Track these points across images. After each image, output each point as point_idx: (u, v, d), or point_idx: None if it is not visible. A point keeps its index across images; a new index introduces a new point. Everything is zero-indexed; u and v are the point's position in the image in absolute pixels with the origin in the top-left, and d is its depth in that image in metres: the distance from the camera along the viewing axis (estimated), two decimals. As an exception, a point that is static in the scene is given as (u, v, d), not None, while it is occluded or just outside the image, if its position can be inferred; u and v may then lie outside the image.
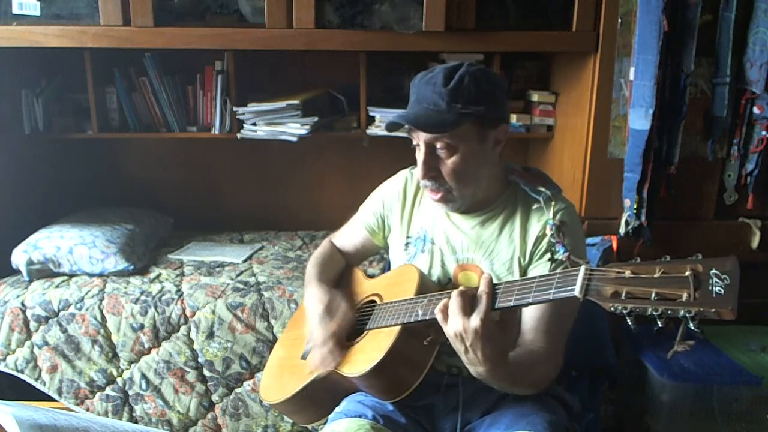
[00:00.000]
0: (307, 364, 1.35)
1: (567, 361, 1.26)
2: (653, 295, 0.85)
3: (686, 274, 0.83)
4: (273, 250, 2.42)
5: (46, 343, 1.97)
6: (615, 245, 2.01)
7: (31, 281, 2.09)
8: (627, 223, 2.01)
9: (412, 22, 1.97)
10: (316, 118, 2.24)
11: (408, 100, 1.28)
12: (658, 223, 2.00)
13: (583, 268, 0.94)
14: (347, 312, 1.34)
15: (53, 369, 1.99)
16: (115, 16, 1.95)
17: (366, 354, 1.24)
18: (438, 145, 1.23)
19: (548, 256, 1.26)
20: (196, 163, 2.67)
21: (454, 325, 1.05)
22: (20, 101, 2.26)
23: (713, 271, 0.82)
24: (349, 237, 1.57)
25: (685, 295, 0.82)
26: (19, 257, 2.09)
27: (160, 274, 2.15)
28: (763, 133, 1.95)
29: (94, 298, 1.98)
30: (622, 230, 2.02)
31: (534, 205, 1.29)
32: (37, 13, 1.99)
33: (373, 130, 2.28)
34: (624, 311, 0.86)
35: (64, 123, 2.34)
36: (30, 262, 2.08)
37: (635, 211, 1.96)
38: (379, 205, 1.48)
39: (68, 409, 1.98)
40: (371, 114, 2.29)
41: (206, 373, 1.98)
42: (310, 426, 1.92)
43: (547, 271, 1.23)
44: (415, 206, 1.43)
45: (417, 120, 1.22)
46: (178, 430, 2.01)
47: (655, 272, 0.86)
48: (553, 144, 2.36)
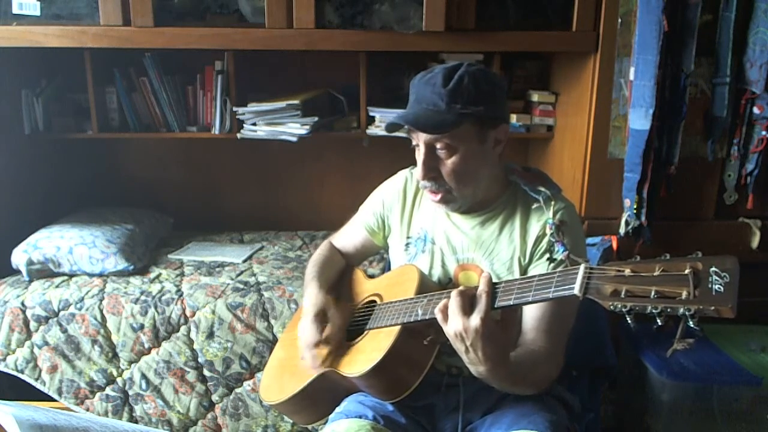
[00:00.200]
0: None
1: (567, 361, 1.26)
2: (653, 293, 0.85)
3: (686, 272, 0.83)
4: (273, 250, 2.42)
5: (46, 343, 1.97)
6: (615, 245, 2.01)
7: (31, 281, 2.09)
8: (627, 223, 2.01)
9: (412, 22, 1.97)
10: (316, 118, 2.24)
11: (408, 100, 1.28)
12: (658, 223, 2.00)
13: (582, 267, 0.94)
14: (338, 319, 1.33)
15: (53, 369, 1.99)
16: (115, 16, 1.95)
17: (366, 354, 1.24)
18: (438, 146, 1.23)
19: (548, 255, 1.26)
20: (196, 163, 2.67)
21: (454, 325, 1.05)
22: (20, 101, 2.26)
23: (713, 268, 0.82)
24: (349, 237, 1.57)
25: (684, 293, 0.82)
26: (19, 257, 2.09)
27: (160, 274, 2.15)
28: (763, 133, 1.95)
29: (94, 298, 1.98)
30: (622, 230, 2.02)
31: (534, 204, 1.29)
32: (37, 13, 1.99)
33: (373, 130, 2.28)
34: (623, 309, 0.86)
35: (64, 123, 2.34)
36: (30, 262, 2.08)
37: (635, 211, 1.96)
38: (379, 206, 1.48)
39: (68, 409, 1.98)
40: (371, 114, 2.29)
41: (206, 373, 1.98)
42: (310, 426, 1.91)
43: (547, 271, 1.23)
44: (415, 206, 1.43)
45: (416, 120, 1.21)
46: (178, 430, 2.01)
47: (655, 270, 0.86)
48: (553, 144, 2.36)
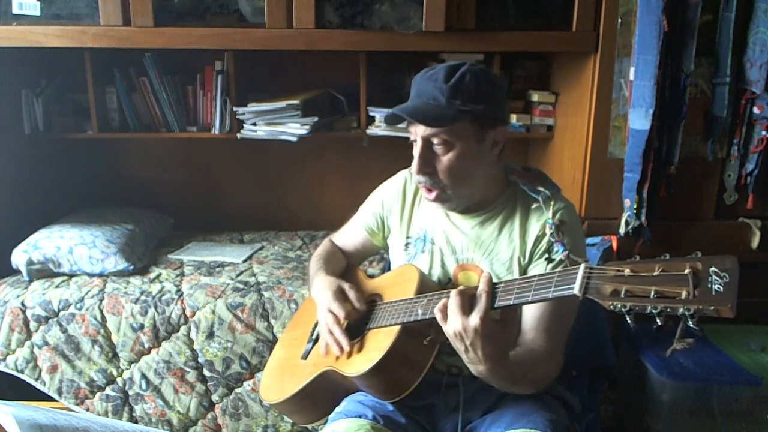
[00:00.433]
0: (313, 360, 1.35)
1: (567, 361, 1.26)
2: (652, 293, 0.85)
3: (685, 272, 0.83)
4: (273, 250, 2.42)
5: (46, 343, 1.97)
6: (615, 245, 2.01)
7: (31, 281, 2.09)
8: (627, 223, 2.01)
9: (412, 22, 1.97)
10: (316, 118, 2.24)
11: (408, 99, 1.28)
12: (658, 223, 2.00)
13: (582, 267, 0.94)
14: (358, 292, 1.33)
15: (53, 369, 1.99)
16: (115, 16, 1.95)
17: (366, 353, 1.24)
18: (435, 141, 1.22)
19: (548, 255, 1.26)
20: (196, 163, 2.67)
21: (453, 325, 1.05)
22: (20, 101, 2.26)
23: (713, 268, 0.82)
24: (349, 237, 1.57)
25: (684, 293, 0.82)
26: (19, 257, 2.09)
27: (160, 274, 2.15)
28: (763, 133, 1.95)
29: (94, 298, 1.98)
30: (622, 230, 2.02)
31: (533, 204, 1.29)
32: (37, 13, 1.99)
33: (373, 130, 2.28)
34: (623, 309, 0.86)
35: (64, 123, 2.34)
36: (30, 262, 2.08)
37: (635, 211, 1.96)
38: (379, 206, 1.47)
39: (68, 409, 1.98)
40: (371, 114, 2.29)
41: (206, 373, 1.98)
42: (310, 426, 1.92)
43: (547, 271, 1.23)
44: (415, 206, 1.43)
45: (415, 112, 1.21)
46: (178, 430, 2.01)
47: (655, 270, 0.86)
48: (553, 144, 2.36)
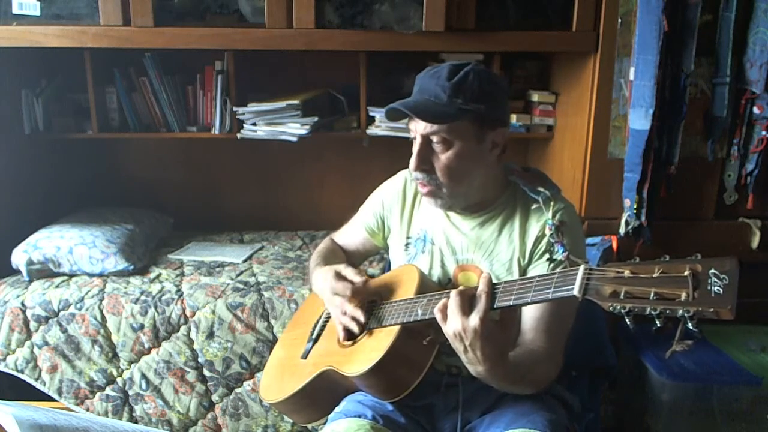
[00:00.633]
0: (313, 359, 1.35)
1: (567, 361, 1.26)
2: (652, 294, 0.85)
3: (685, 273, 0.83)
4: (273, 250, 2.42)
5: (46, 343, 1.97)
6: (615, 245, 2.01)
7: (31, 281, 2.09)
8: (627, 223, 2.01)
9: (412, 22, 1.97)
10: (316, 118, 2.24)
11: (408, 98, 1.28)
12: (658, 223, 2.00)
13: (582, 268, 0.94)
14: (356, 274, 1.31)
15: (53, 369, 1.99)
16: (115, 16, 1.95)
17: (365, 353, 1.24)
18: (434, 139, 1.22)
19: (548, 256, 1.26)
20: (196, 163, 2.67)
21: (453, 325, 1.05)
22: (20, 101, 2.26)
23: (712, 270, 0.82)
24: (349, 238, 1.57)
25: (683, 295, 0.82)
26: (19, 257, 2.09)
27: (160, 274, 2.15)
28: (763, 133, 1.95)
29: (94, 298, 1.98)
30: (622, 230, 2.02)
31: (533, 205, 1.29)
32: (37, 13, 1.99)
33: (373, 130, 2.28)
34: (623, 311, 0.86)
35: (64, 123, 2.34)
36: (30, 262, 2.08)
37: (635, 211, 1.96)
38: (379, 206, 1.47)
39: (68, 409, 1.98)
40: (371, 114, 2.29)
41: (206, 373, 1.98)
42: (310, 426, 1.92)
43: (547, 271, 1.23)
44: (415, 207, 1.43)
45: (416, 108, 1.21)
46: (178, 430, 2.01)
47: (654, 272, 0.86)
48: (553, 144, 2.36)
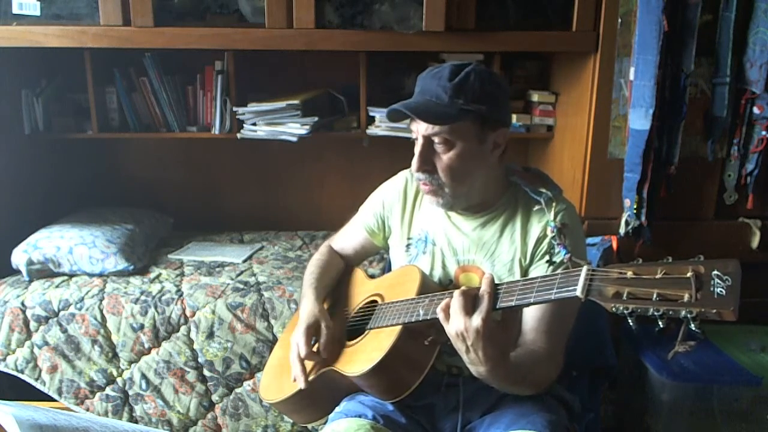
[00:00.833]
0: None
1: (567, 361, 1.26)
2: (655, 295, 0.85)
3: (688, 275, 0.83)
4: (273, 250, 2.42)
5: (46, 343, 1.97)
6: (615, 245, 2.01)
7: (31, 281, 2.08)
8: (627, 223, 2.01)
9: (412, 22, 1.97)
10: (316, 118, 2.23)
11: (410, 99, 1.28)
12: (658, 223, 2.00)
13: (585, 269, 0.94)
14: (331, 331, 1.32)
15: (53, 369, 1.99)
16: (115, 16, 1.95)
17: (366, 353, 1.24)
18: (436, 140, 1.23)
19: (549, 257, 1.26)
20: (196, 163, 2.67)
21: (455, 325, 1.05)
22: (20, 101, 2.26)
23: (715, 272, 0.82)
24: (349, 238, 1.57)
25: (686, 296, 0.82)
26: (19, 257, 2.09)
27: (160, 274, 2.15)
28: (763, 133, 1.95)
29: (94, 298, 1.98)
30: (622, 230, 2.02)
31: (535, 206, 1.29)
32: (37, 13, 1.99)
33: (373, 130, 2.28)
34: (625, 312, 0.86)
35: (64, 123, 2.34)
36: (30, 262, 2.07)
37: (635, 211, 1.96)
38: (380, 206, 1.47)
39: (68, 409, 1.98)
40: (371, 114, 2.29)
41: (206, 373, 1.98)
42: (310, 426, 1.91)
43: (548, 272, 1.23)
44: (416, 207, 1.43)
45: (417, 109, 1.22)
46: (178, 430, 2.01)
47: (657, 273, 0.86)
48: (553, 144, 2.36)
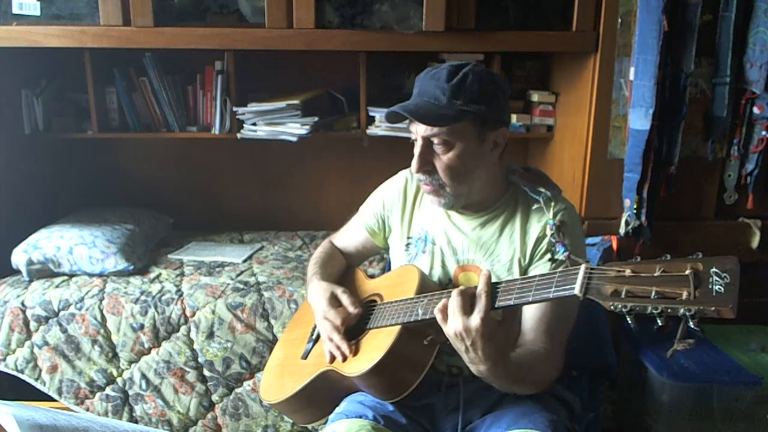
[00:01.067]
0: (313, 360, 1.35)
1: (567, 361, 1.26)
2: (653, 293, 0.85)
3: (686, 272, 0.83)
4: (273, 250, 2.42)
5: (46, 343, 1.97)
6: (615, 245, 2.01)
7: (31, 281, 2.08)
8: (627, 223, 2.01)
9: (412, 22, 1.97)
10: (316, 118, 2.24)
11: (408, 99, 1.28)
12: (658, 223, 2.00)
13: (583, 267, 0.94)
14: (351, 297, 1.33)
15: (53, 369, 1.99)
16: (115, 16, 1.95)
17: (366, 353, 1.24)
18: (435, 141, 1.23)
19: (548, 256, 1.26)
20: (196, 163, 2.67)
21: (453, 325, 1.05)
22: (20, 101, 2.26)
23: (713, 269, 0.82)
24: (350, 238, 1.57)
25: (685, 294, 0.82)
26: (19, 257, 2.09)
27: (160, 274, 2.15)
28: (763, 133, 1.95)
29: (94, 298, 1.98)
30: (622, 230, 2.02)
31: (534, 205, 1.29)
32: (37, 13, 1.99)
33: (373, 130, 2.28)
34: (624, 310, 0.86)
35: (64, 123, 2.34)
36: (30, 262, 2.08)
37: (635, 211, 1.96)
38: (380, 206, 1.48)
39: (68, 409, 1.98)
40: (371, 114, 2.29)
41: (206, 373, 1.98)
42: (310, 426, 1.91)
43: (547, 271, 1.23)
44: (416, 207, 1.43)
45: (416, 111, 1.22)
46: (178, 430, 2.01)
47: (655, 271, 0.86)
48: (553, 144, 2.36)
